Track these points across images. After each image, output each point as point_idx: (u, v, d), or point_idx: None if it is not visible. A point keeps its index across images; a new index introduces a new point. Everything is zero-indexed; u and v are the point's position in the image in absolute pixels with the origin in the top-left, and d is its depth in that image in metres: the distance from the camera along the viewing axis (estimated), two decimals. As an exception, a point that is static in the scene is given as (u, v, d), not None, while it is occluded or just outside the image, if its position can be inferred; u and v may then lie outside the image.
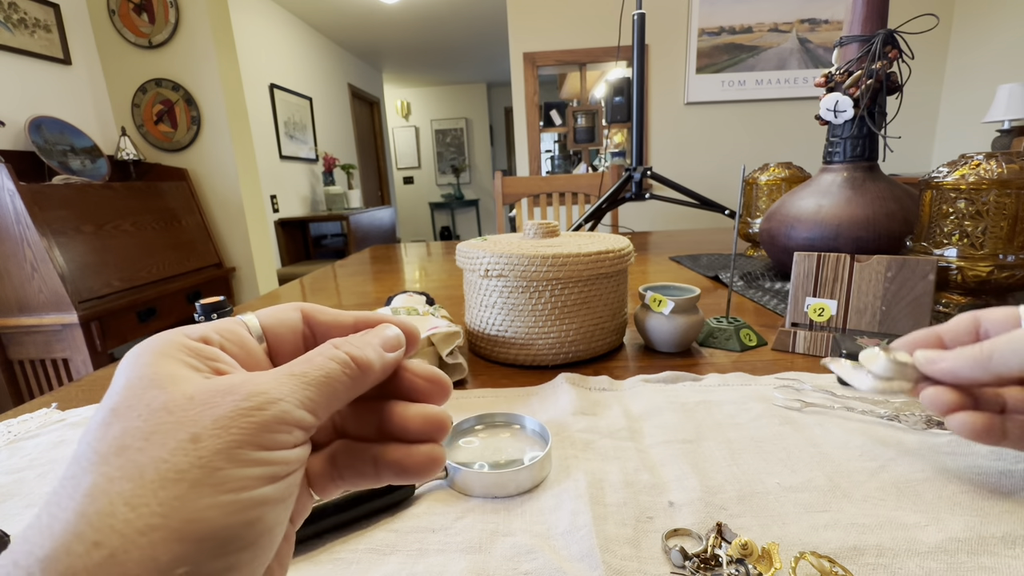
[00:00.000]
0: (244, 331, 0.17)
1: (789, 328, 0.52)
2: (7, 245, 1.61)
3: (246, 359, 0.16)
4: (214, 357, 0.15)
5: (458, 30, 4.61)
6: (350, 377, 0.16)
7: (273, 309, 0.18)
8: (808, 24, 3.01)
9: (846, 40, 0.64)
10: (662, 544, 0.26)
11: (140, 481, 0.11)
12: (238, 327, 0.17)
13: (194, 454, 0.12)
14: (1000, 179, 0.51)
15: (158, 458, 0.11)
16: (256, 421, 0.13)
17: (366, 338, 0.17)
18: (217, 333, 0.16)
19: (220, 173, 2.45)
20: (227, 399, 0.13)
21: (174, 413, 0.12)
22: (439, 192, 6.98)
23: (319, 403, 0.14)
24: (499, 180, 1.65)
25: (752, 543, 0.24)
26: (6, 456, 0.39)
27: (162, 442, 0.12)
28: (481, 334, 0.53)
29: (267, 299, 0.90)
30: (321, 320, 0.19)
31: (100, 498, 0.11)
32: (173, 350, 0.14)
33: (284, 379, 0.14)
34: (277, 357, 0.18)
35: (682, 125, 3.20)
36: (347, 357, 0.16)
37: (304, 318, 0.18)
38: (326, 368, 0.15)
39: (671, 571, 0.25)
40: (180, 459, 0.11)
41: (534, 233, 0.56)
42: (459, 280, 0.97)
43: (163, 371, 0.13)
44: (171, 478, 0.11)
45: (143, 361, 0.14)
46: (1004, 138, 2.44)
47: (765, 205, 0.96)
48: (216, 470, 0.12)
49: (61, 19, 2.11)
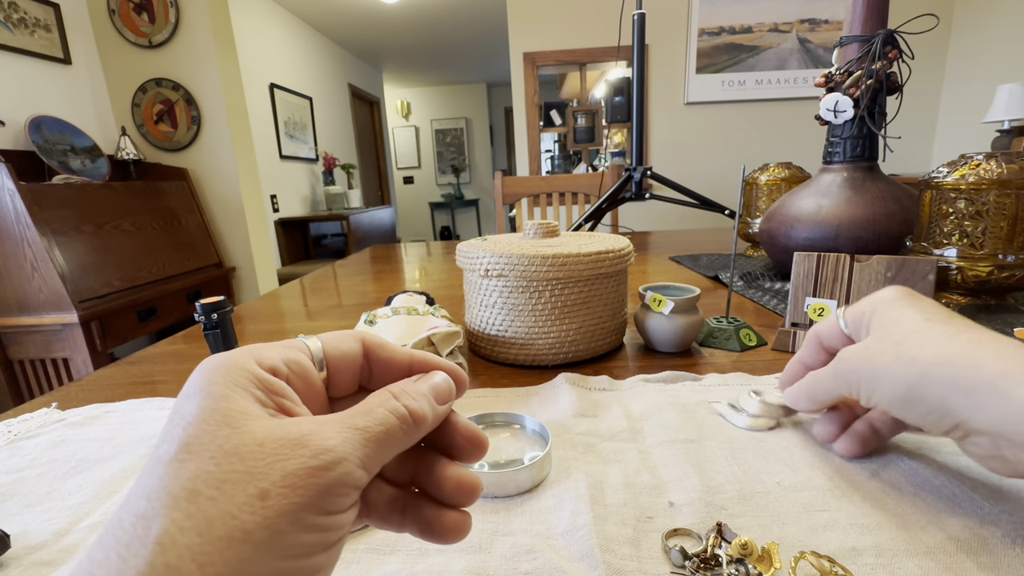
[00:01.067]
0: (308, 362, 0.17)
1: (789, 328, 0.52)
2: (7, 245, 1.61)
3: (306, 392, 0.17)
4: (281, 392, 0.15)
5: (458, 30, 4.61)
6: (405, 432, 0.16)
7: (336, 337, 0.18)
8: (808, 24, 3.01)
9: (846, 40, 0.64)
10: (662, 544, 0.26)
11: (208, 536, 0.11)
12: (303, 357, 0.17)
13: (261, 513, 0.12)
14: (1000, 179, 0.51)
15: (227, 512, 0.12)
16: (321, 484, 0.13)
17: (420, 388, 0.17)
18: (285, 364, 0.16)
19: (220, 173, 2.45)
20: (296, 453, 0.13)
21: (245, 461, 0.12)
22: (439, 192, 6.98)
23: (375, 460, 0.15)
24: (499, 180, 1.65)
25: (752, 543, 0.24)
26: (6, 456, 0.39)
27: (232, 494, 0.12)
28: (481, 334, 0.53)
29: (267, 299, 0.90)
30: (380, 356, 0.19)
31: (170, 550, 0.11)
32: (244, 380, 0.14)
33: (348, 434, 0.14)
34: (333, 387, 0.18)
35: (682, 125, 3.20)
36: (406, 412, 0.16)
37: (364, 351, 0.19)
38: (387, 423, 0.15)
39: (671, 571, 0.25)
40: (247, 517, 0.12)
41: (534, 233, 0.56)
42: (459, 280, 0.97)
43: (235, 407, 0.14)
44: (237, 537, 0.11)
45: (215, 392, 0.14)
46: (1004, 138, 2.44)
47: (765, 205, 0.96)
48: (280, 533, 0.12)
49: (61, 19, 2.11)
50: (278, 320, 0.76)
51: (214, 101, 2.36)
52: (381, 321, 0.53)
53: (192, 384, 0.14)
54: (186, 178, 2.40)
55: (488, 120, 6.87)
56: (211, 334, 0.43)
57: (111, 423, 0.44)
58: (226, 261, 2.55)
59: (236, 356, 0.15)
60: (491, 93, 7.01)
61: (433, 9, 4.07)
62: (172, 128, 2.39)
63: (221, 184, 2.47)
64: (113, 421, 0.44)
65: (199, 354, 0.62)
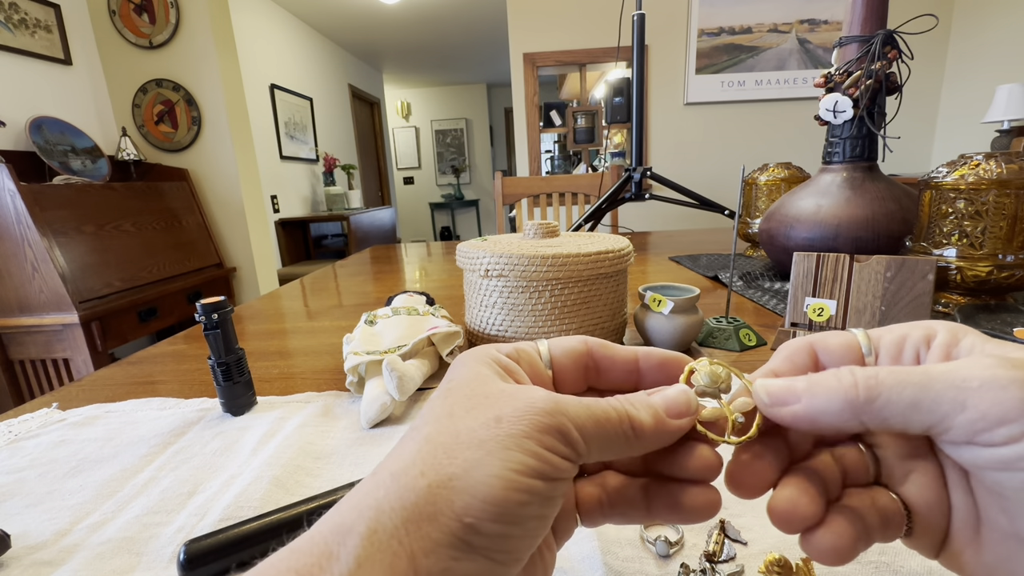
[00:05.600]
0: (537, 357, 0.20)
1: (788, 328, 0.52)
2: (8, 245, 1.62)
3: (535, 379, 0.19)
4: (515, 372, 0.19)
5: (458, 30, 4.62)
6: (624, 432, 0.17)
7: (562, 340, 0.21)
8: (808, 24, 3.01)
9: (846, 40, 0.64)
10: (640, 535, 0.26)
11: (455, 440, 0.15)
12: (533, 353, 0.20)
13: (494, 430, 0.15)
14: (999, 179, 0.51)
15: (470, 427, 0.15)
16: (542, 422, 0.15)
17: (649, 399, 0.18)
18: (518, 354, 0.19)
19: (220, 173, 2.45)
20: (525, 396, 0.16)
21: (489, 398, 0.16)
22: (439, 192, 6.98)
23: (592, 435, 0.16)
24: (499, 180, 1.65)
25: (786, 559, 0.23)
26: (7, 456, 0.39)
27: (476, 415, 0.16)
28: (481, 334, 0.53)
29: (268, 299, 0.90)
30: (603, 353, 0.20)
31: (426, 446, 0.15)
32: (490, 360, 0.18)
33: (572, 400, 0.16)
34: (560, 382, 0.20)
35: (682, 125, 3.20)
36: (626, 413, 0.17)
37: (588, 348, 0.20)
38: (607, 412, 0.17)
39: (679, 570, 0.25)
40: (484, 432, 0.15)
41: (534, 233, 0.56)
42: (459, 280, 0.97)
43: (483, 372, 0.18)
44: (475, 443, 0.15)
45: (469, 365, 0.18)
46: (1003, 138, 2.44)
47: (765, 205, 0.96)
48: (506, 448, 0.14)
49: (62, 19, 2.11)
50: (278, 320, 0.76)
51: (214, 102, 2.36)
52: (381, 321, 0.53)
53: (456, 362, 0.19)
54: (186, 179, 2.40)
55: (488, 121, 6.87)
56: (211, 334, 0.43)
57: (111, 423, 0.44)
58: (226, 261, 2.55)
59: (482, 347, 0.19)
60: (491, 93, 7.01)
61: (433, 9, 4.07)
62: (172, 129, 2.39)
63: (221, 184, 2.47)
64: (113, 421, 0.44)
65: (199, 354, 0.62)
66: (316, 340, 0.64)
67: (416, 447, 0.15)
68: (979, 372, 0.14)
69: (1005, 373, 0.13)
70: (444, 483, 0.14)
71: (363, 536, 0.13)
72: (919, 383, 0.14)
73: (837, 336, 0.19)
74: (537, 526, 0.15)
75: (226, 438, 0.40)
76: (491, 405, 0.16)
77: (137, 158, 2.29)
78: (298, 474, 0.35)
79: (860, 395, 0.15)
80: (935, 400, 0.14)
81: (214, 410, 0.45)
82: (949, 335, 0.17)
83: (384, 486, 0.14)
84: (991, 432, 0.13)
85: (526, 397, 0.16)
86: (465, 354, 0.19)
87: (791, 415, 0.16)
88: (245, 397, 0.45)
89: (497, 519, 0.14)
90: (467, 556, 0.13)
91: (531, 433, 0.15)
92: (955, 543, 0.16)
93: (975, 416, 0.13)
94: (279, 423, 0.42)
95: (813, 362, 0.19)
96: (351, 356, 0.46)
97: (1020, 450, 0.13)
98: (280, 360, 0.58)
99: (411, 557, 0.13)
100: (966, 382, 0.14)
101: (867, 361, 0.18)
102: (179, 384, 0.53)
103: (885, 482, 0.18)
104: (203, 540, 0.26)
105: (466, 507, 0.14)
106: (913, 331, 0.17)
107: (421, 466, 0.14)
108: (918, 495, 0.17)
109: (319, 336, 0.66)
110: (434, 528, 0.13)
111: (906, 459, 0.17)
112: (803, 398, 0.16)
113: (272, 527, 0.27)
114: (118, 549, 0.28)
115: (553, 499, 0.15)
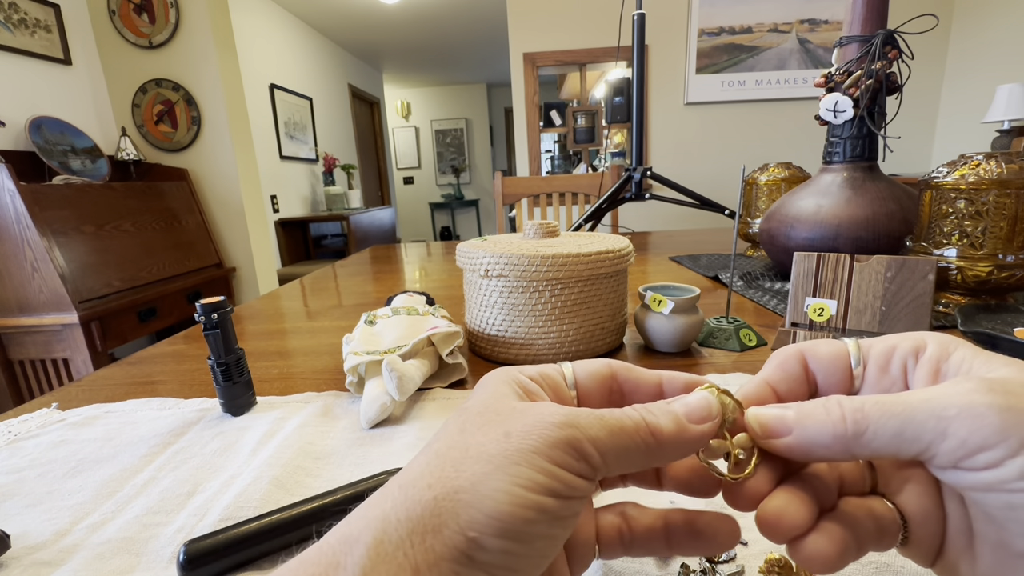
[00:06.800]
0: (560, 379, 0.20)
1: (789, 328, 0.52)
2: (7, 245, 1.61)
3: (558, 402, 0.19)
4: (536, 394, 0.19)
5: (458, 30, 4.62)
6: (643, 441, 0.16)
7: (586, 363, 0.21)
8: (808, 24, 3.01)
9: (846, 40, 0.64)
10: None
11: (464, 454, 0.15)
12: (556, 375, 0.20)
13: (503, 444, 0.15)
14: (1000, 179, 0.51)
15: (480, 442, 0.15)
16: (552, 436, 0.15)
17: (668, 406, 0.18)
18: (541, 376, 0.19)
19: (220, 173, 2.45)
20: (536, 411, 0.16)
21: (500, 414, 0.16)
22: (439, 192, 6.98)
23: (608, 447, 0.16)
24: (499, 180, 1.65)
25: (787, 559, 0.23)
26: (6, 456, 0.39)
27: (486, 431, 0.16)
28: (481, 334, 0.53)
29: (267, 299, 0.90)
30: (627, 376, 0.20)
31: (435, 460, 0.15)
32: (510, 380, 0.19)
33: (585, 412, 0.16)
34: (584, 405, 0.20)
35: (682, 125, 3.20)
36: (643, 420, 0.17)
37: (612, 371, 0.20)
38: (623, 421, 0.16)
39: (679, 570, 0.25)
40: (492, 446, 0.15)
41: (534, 233, 0.56)
42: (459, 280, 0.97)
43: (501, 391, 0.18)
44: (483, 457, 0.15)
45: (489, 386, 0.19)
46: (1004, 138, 2.44)
47: (765, 205, 0.96)
48: (514, 463, 0.14)
49: (61, 19, 2.11)
50: (278, 320, 0.76)
51: (214, 101, 2.36)
52: (381, 321, 0.53)
53: (478, 384, 0.19)
54: (186, 178, 2.40)
55: (488, 120, 6.87)
56: (211, 334, 0.43)
57: (111, 423, 0.44)
58: (226, 261, 2.55)
59: (505, 368, 0.20)
60: (491, 93, 7.01)
61: (433, 9, 4.07)
62: (172, 128, 2.39)
63: (221, 184, 2.47)
64: (113, 421, 0.44)
65: (199, 354, 0.62)
66: (316, 340, 0.64)
67: (426, 460, 0.15)
68: (957, 400, 0.14)
69: (982, 399, 0.14)
70: (450, 496, 0.14)
71: (369, 546, 0.13)
72: (902, 414, 0.15)
73: (827, 345, 0.19)
74: (545, 546, 0.15)
75: (226, 438, 0.40)
76: (502, 421, 0.16)
77: (137, 158, 2.29)
78: (298, 474, 0.35)
79: (848, 429, 0.15)
80: (918, 430, 0.14)
81: (214, 410, 0.45)
82: (939, 348, 0.17)
83: (392, 497, 0.15)
84: (972, 458, 0.14)
85: (536, 412, 0.16)
86: (488, 375, 0.19)
87: (785, 447, 0.17)
88: (245, 397, 0.45)
89: (501, 535, 0.14)
90: (470, 571, 0.13)
91: (540, 448, 0.15)
92: (950, 553, 0.16)
93: (955, 444, 0.14)
94: (279, 423, 0.42)
95: (804, 370, 0.19)
96: (351, 356, 0.46)
97: (1001, 474, 0.13)
98: (280, 360, 0.58)
99: (415, 569, 0.13)
100: (945, 411, 0.14)
101: (855, 372, 0.18)
102: (179, 384, 0.53)
103: (881, 491, 0.18)
104: (203, 540, 0.26)
105: (471, 521, 0.14)
106: (903, 343, 0.18)
107: (429, 479, 0.15)
108: (914, 504, 0.17)
109: (319, 336, 0.66)
110: (438, 541, 0.13)
111: (902, 469, 0.17)
112: (794, 430, 0.16)
113: (272, 527, 0.27)
114: (118, 549, 0.28)
115: (564, 519, 0.15)
